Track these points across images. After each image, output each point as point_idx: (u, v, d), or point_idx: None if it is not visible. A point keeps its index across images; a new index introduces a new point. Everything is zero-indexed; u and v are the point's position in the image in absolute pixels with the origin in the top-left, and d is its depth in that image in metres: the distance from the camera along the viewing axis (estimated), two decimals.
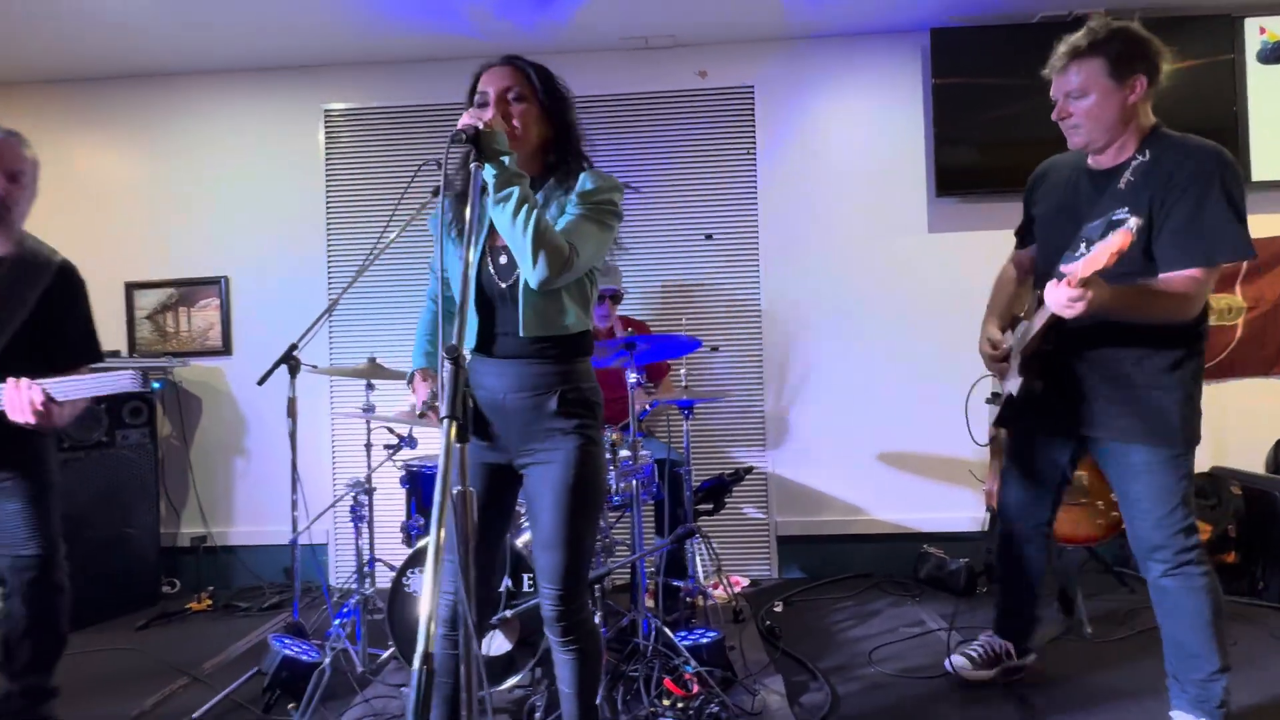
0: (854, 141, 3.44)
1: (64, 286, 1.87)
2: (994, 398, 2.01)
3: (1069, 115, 1.66)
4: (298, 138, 3.55)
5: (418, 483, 2.47)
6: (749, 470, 2.97)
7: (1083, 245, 1.52)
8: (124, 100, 3.60)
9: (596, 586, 1.89)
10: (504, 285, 1.44)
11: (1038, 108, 3.25)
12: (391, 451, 2.55)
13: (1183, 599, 1.67)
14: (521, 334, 1.41)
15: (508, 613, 1.81)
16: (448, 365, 0.96)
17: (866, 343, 3.38)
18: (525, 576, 2.01)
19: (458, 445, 0.92)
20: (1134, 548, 1.74)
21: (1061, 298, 1.45)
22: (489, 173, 1.29)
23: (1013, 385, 1.82)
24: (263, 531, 3.51)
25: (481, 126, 1.26)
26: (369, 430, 2.65)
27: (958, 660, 2.12)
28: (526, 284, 1.40)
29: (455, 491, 0.94)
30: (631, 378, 2.20)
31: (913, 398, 3.33)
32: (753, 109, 3.44)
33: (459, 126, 1.27)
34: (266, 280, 3.56)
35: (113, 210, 3.59)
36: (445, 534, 0.84)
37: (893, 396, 3.37)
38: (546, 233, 1.33)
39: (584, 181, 1.44)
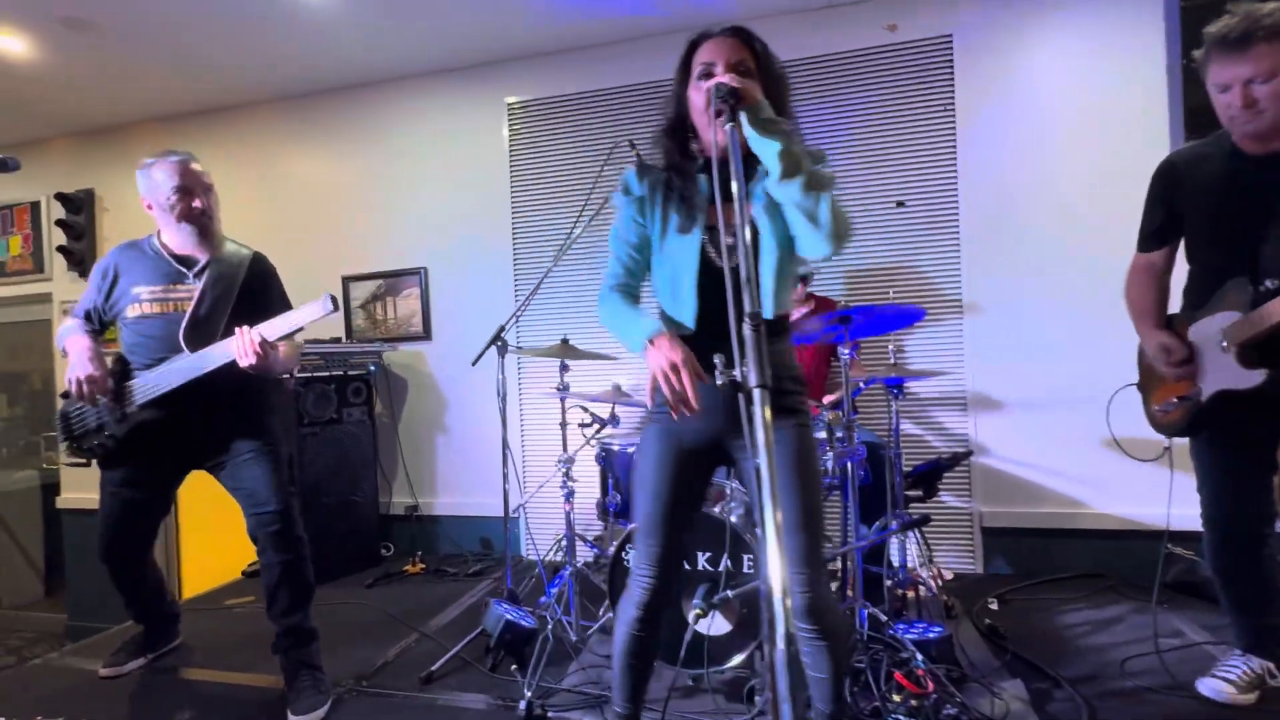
0: (1073, 85, 3.02)
1: (259, 274, 2.20)
2: (1181, 401, 1.83)
3: (1255, 101, 1.56)
4: (484, 132, 3.74)
5: (613, 461, 2.51)
6: (967, 454, 2.73)
7: None
8: (334, 112, 3.97)
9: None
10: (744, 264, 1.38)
11: None
12: (597, 429, 2.60)
13: None
14: (769, 315, 1.36)
15: (729, 593, 1.78)
16: (749, 332, 0.91)
17: (1090, 315, 2.95)
18: (745, 558, 1.96)
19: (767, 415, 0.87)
20: None
21: None
22: (769, 145, 1.24)
23: (1234, 381, 1.70)
24: (461, 503, 3.78)
25: (738, 86, 1.21)
26: (564, 409, 2.73)
27: (1215, 684, 1.88)
28: (767, 264, 1.36)
29: (755, 465, 0.90)
30: (844, 353, 2.07)
31: None
32: (951, 60, 3.13)
33: (717, 81, 1.23)
34: (459, 269, 3.80)
35: (329, 211, 4.00)
36: (774, 509, 0.79)
37: (1124, 376, 2.93)
38: (837, 205, 1.28)
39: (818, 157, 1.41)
